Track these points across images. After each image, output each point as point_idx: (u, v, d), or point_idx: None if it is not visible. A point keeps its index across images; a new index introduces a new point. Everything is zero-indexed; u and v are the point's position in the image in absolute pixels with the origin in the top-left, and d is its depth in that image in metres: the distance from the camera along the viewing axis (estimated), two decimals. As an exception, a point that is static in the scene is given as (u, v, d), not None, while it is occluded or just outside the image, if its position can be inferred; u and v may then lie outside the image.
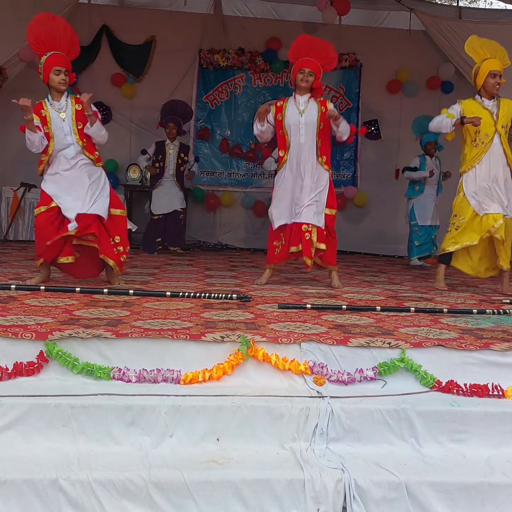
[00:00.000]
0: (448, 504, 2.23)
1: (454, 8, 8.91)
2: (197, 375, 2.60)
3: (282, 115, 4.59)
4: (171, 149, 7.33)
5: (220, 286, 4.52)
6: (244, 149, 8.89)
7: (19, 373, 2.55)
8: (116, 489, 2.12)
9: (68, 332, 2.66)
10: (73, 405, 2.34)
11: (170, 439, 2.36)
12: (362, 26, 8.83)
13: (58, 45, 4.10)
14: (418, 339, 2.86)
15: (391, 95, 8.98)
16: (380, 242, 8.82)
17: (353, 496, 2.18)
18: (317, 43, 4.65)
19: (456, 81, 8.70)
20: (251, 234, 8.92)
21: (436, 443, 2.46)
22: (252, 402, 2.44)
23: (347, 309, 3.62)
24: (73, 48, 4.20)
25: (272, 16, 8.91)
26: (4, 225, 8.12)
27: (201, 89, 8.81)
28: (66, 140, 4.12)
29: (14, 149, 7.89)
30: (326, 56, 4.67)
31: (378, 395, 2.57)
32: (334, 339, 2.80)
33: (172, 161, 7.31)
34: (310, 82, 4.55)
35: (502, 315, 3.64)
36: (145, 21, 8.38)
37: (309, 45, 4.61)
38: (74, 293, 3.82)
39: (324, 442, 2.41)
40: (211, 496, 2.15)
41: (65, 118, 4.10)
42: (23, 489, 2.09)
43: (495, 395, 2.63)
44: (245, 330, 2.87)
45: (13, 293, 3.69)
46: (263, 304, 3.74)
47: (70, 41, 4.16)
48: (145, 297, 3.78)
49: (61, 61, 4.08)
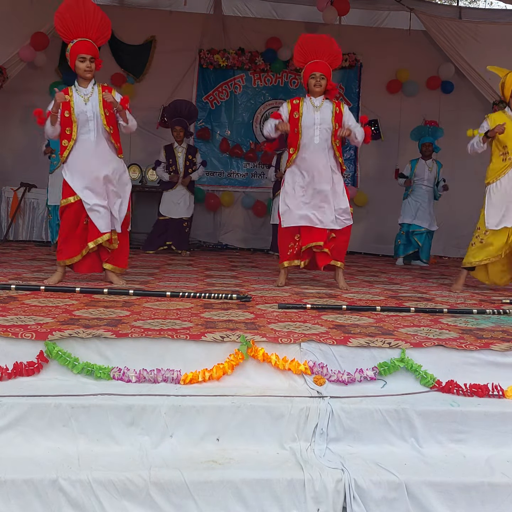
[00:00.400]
0: (448, 504, 2.23)
1: (454, 8, 8.93)
2: (197, 375, 2.60)
3: (299, 113, 4.48)
4: (180, 152, 7.33)
5: (220, 286, 4.52)
6: (244, 149, 8.90)
7: (19, 373, 2.55)
8: (116, 489, 2.12)
9: (68, 332, 2.66)
10: (73, 405, 2.34)
11: (170, 439, 2.36)
12: (362, 26, 8.83)
13: (86, 32, 4.06)
14: (418, 339, 2.86)
15: (391, 95, 8.99)
16: (380, 242, 8.83)
17: (353, 496, 2.18)
18: (320, 41, 4.55)
19: (456, 81, 8.70)
20: (251, 234, 8.93)
21: (436, 443, 2.46)
22: (252, 402, 2.44)
23: (347, 309, 3.62)
24: (102, 33, 4.16)
25: (272, 16, 8.92)
26: (4, 225, 8.13)
27: (201, 89, 8.82)
28: (89, 126, 4.14)
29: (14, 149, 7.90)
30: (332, 53, 4.55)
31: (378, 395, 2.57)
32: (334, 339, 2.80)
33: (181, 164, 7.31)
34: (323, 86, 4.48)
35: (502, 315, 3.64)
36: (145, 21, 8.38)
37: (313, 45, 4.51)
38: (74, 293, 3.82)
39: (324, 442, 2.41)
40: (211, 496, 2.15)
41: (88, 103, 4.11)
42: (23, 489, 2.09)
43: (495, 395, 2.63)
44: (245, 330, 2.87)
45: (13, 293, 3.69)
46: (263, 304, 3.73)
47: (98, 26, 4.11)
48: (145, 297, 3.78)
49: (86, 48, 4.06)
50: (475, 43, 8.03)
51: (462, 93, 8.72)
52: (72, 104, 4.10)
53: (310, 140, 4.47)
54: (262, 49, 8.76)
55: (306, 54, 4.52)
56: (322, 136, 4.48)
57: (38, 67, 7.88)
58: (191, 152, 7.38)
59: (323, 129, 4.47)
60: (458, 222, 8.58)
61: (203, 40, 8.73)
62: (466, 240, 8.75)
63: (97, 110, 4.14)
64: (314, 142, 4.47)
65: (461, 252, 8.80)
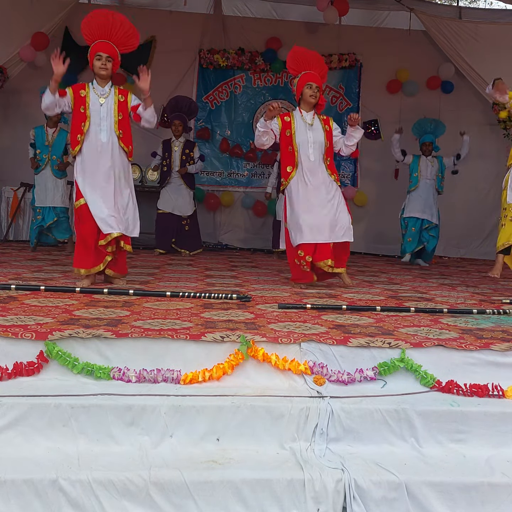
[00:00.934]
0: (448, 504, 2.23)
1: (454, 8, 8.92)
2: (197, 375, 2.60)
3: (291, 131, 4.49)
4: (176, 146, 7.31)
5: (220, 286, 4.52)
6: (244, 149, 8.89)
7: (19, 373, 2.55)
8: (116, 489, 2.12)
9: (68, 332, 2.66)
10: (73, 405, 2.34)
11: (170, 439, 2.36)
12: (362, 26, 8.83)
13: (109, 36, 4.18)
14: (418, 339, 2.86)
15: (391, 95, 8.98)
16: (380, 242, 8.83)
17: (353, 496, 2.18)
18: (313, 56, 4.62)
19: (456, 81, 8.69)
20: (251, 234, 8.92)
21: (436, 443, 2.46)
22: (252, 402, 2.44)
23: (347, 309, 3.62)
24: (128, 41, 4.28)
25: (272, 16, 8.91)
26: (4, 225, 8.12)
27: (201, 89, 8.81)
28: (101, 125, 4.19)
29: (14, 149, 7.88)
30: (322, 69, 4.63)
31: (378, 395, 2.57)
32: (334, 339, 2.80)
33: (177, 158, 7.28)
34: (318, 98, 4.49)
35: (502, 315, 3.64)
36: (145, 21, 8.35)
37: (307, 58, 4.57)
38: (74, 293, 3.82)
39: (324, 442, 2.41)
40: (211, 496, 2.15)
41: (103, 103, 4.18)
42: (23, 489, 2.09)
43: (495, 395, 2.63)
44: (245, 330, 2.87)
45: (13, 293, 3.69)
46: (263, 304, 3.73)
47: (123, 34, 4.24)
48: (145, 297, 3.78)
49: (104, 48, 4.15)
50: (475, 43, 8.02)
51: (462, 93, 8.71)
52: (87, 100, 4.17)
53: (306, 158, 4.48)
54: (262, 49, 8.75)
55: (300, 64, 4.54)
56: (317, 153, 4.49)
57: (38, 67, 7.88)
58: (189, 147, 7.36)
59: (317, 148, 4.49)
60: (458, 222, 8.58)
61: (203, 40, 8.73)
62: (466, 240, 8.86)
63: (111, 112, 4.21)
64: (309, 159, 4.48)
65: (461, 252, 8.87)
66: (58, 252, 6.89)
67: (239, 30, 8.73)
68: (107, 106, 4.20)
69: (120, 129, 4.22)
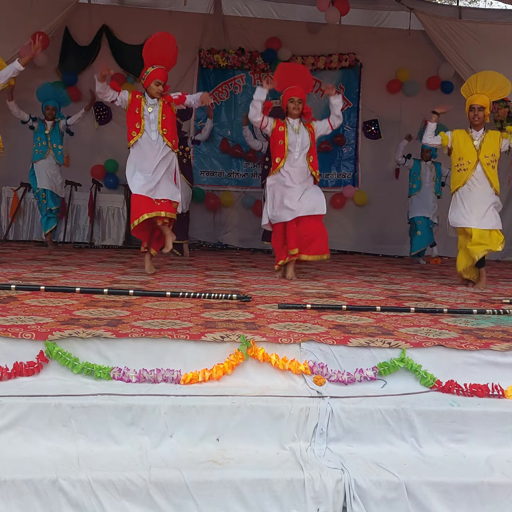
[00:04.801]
0: (448, 504, 2.23)
1: (454, 8, 8.91)
2: (197, 375, 2.60)
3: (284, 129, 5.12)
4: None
5: (220, 286, 4.52)
6: (244, 149, 8.88)
7: (19, 373, 2.55)
8: (116, 489, 2.12)
9: (68, 332, 2.66)
10: (73, 405, 2.34)
11: (170, 439, 2.36)
12: (362, 26, 8.84)
13: (164, 61, 4.94)
14: (418, 339, 2.86)
15: (391, 95, 8.99)
16: (380, 242, 8.83)
17: (353, 496, 2.18)
18: (297, 70, 5.35)
19: (456, 81, 8.68)
20: (251, 234, 8.91)
21: (436, 443, 2.46)
22: (252, 402, 2.44)
23: (347, 309, 3.62)
24: (174, 61, 5.07)
25: (272, 16, 8.92)
26: (4, 225, 8.13)
27: (201, 89, 8.77)
28: (150, 127, 4.97)
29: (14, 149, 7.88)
30: (306, 81, 5.26)
31: (378, 395, 2.57)
32: (334, 339, 2.80)
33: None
34: (300, 109, 5.16)
35: (502, 315, 3.65)
36: (145, 21, 8.38)
37: (291, 73, 5.21)
38: (74, 293, 3.81)
39: (324, 442, 2.41)
40: (211, 496, 2.15)
41: (151, 112, 4.97)
42: (23, 489, 2.09)
43: (495, 395, 2.63)
44: (245, 330, 2.87)
45: (13, 293, 3.69)
46: (263, 304, 3.73)
47: (173, 57, 5.01)
48: (145, 297, 3.78)
49: (162, 76, 4.94)
50: (475, 43, 8.02)
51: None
52: (142, 104, 4.96)
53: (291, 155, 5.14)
54: (262, 49, 8.76)
55: (285, 81, 5.16)
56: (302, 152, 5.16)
57: (38, 67, 7.89)
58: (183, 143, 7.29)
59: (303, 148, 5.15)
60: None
61: (203, 40, 8.73)
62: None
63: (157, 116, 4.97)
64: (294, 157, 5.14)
65: (461, 252, 8.85)
66: (58, 252, 6.89)
67: (239, 30, 8.73)
68: (155, 113, 4.98)
69: (163, 128, 4.96)
